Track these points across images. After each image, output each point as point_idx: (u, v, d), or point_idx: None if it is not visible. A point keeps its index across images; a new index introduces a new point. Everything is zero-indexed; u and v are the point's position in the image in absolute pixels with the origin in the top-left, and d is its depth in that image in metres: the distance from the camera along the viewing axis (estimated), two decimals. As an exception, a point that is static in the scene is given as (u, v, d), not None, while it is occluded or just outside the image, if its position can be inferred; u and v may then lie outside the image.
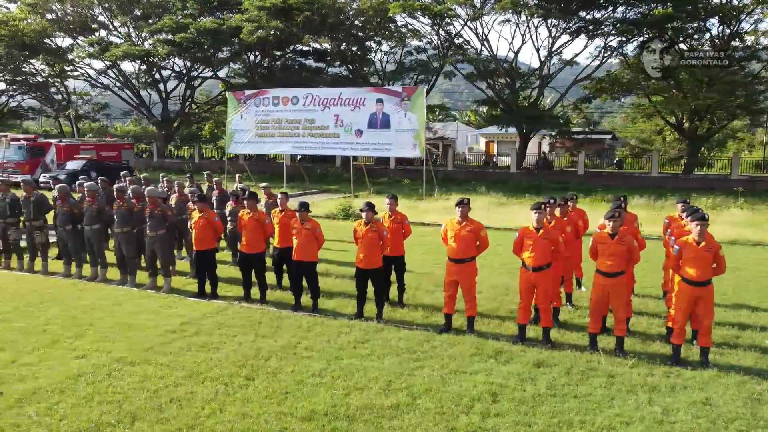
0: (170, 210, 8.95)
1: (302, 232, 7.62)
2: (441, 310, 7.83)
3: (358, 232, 7.39)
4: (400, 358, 6.08)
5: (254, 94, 25.70)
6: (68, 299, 8.12)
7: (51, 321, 7.15)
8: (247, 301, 8.18)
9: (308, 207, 7.72)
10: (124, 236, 8.95)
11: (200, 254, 8.33)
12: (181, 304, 7.99)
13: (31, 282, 9.10)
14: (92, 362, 5.86)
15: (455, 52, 32.08)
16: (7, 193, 9.91)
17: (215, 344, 6.42)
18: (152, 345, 6.36)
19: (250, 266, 8.16)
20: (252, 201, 8.08)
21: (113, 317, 7.35)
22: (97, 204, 9.28)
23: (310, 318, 7.40)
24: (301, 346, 6.41)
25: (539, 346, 6.50)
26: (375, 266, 7.37)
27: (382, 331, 6.93)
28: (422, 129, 22.99)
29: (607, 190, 25.61)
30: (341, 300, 8.32)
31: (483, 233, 6.94)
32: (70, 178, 25.07)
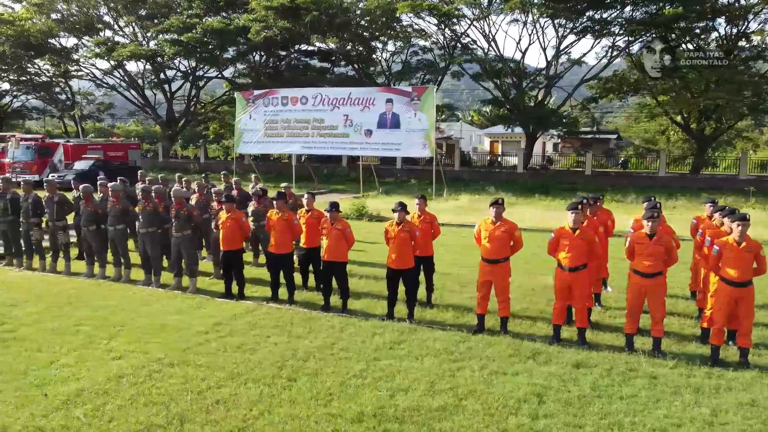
0: (196, 210, 8.92)
1: (332, 233, 7.60)
2: (471, 311, 7.85)
3: (389, 232, 7.36)
4: (439, 359, 6.05)
5: (263, 94, 25.67)
6: (96, 300, 8.10)
7: (83, 321, 7.12)
8: (275, 301, 8.15)
9: (339, 207, 7.70)
10: (149, 237, 8.92)
11: (227, 255, 8.30)
12: (209, 305, 7.97)
13: (56, 283, 9.07)
14: (131, 363, 5.83)
15: (463, 52, 32.04)
16: (30, 193, 9.89)
17: (251, 345, 6.39)
18: (188, 346, 6.33)
19: (278, 267, 8.13)
20: (281, 201, 8.05)
21: (144, 318, 7.32)
22: (122, 204, 9.24)
23: (341, 318, 7.37)
24: (337, 346, 6.38)
25: (576, 346, 6.48)
26: (407, 266, 7.34)
27: (415, 331, 6.90)
28: (432, 129, 22.98)
29: (616, 190, 25.57)
30: (369, 300, 8.30)
31: (517, 233, 6.92)
32: (79, 178, 25.07)
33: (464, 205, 21.61)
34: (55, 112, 46.24)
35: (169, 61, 34.32)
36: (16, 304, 7.86)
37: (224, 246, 8.25)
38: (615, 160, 43.95)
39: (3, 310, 7.56)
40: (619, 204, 21.98)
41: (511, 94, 33.66)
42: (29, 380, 5.42)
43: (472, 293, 8.76)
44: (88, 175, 25.66)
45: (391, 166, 35.05)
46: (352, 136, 24.04)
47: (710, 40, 30.59)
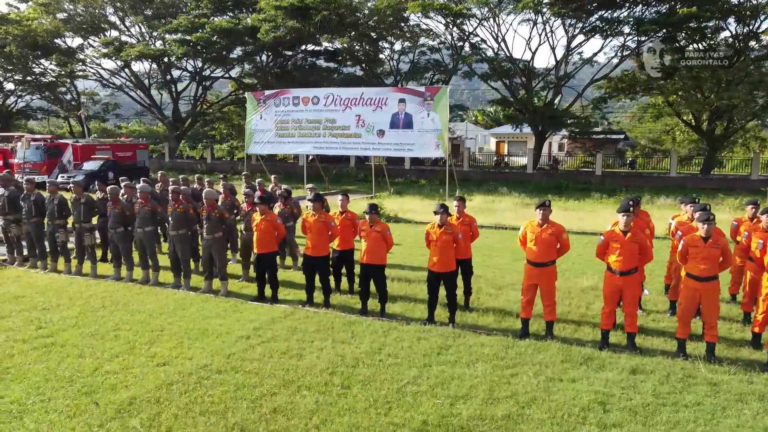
0: (227, 212, 8.77)
1: (371, 235, 7.46)
2: (510, 314, 7.72)
3: (431, 234, 7.22)
4: (491, 365, 5.91)
5: (274, 94, 25.53)
6: (130, 303, 7.96)
7: (120, 326, 6.99)
8: (311, 305, 8.01)
9: (378, 209, 7.56)
10: (179, 238, 8.79)
11: (261, 257, 8.16)
12: (245, 309, 7.83)
13: (85, 285, 8.93)
14: (177, 370, 5.69)
15: (472, 52, 31.92)
16: (55, 194, 9.75)
17: (296, 350, 6.25)
18: (232, 351, 6.19)
19: (314, 270, 7.99)
20: (318, 203, 7.91)
21: (182, 322, 7.18)
22: (150, 205, 9.10)
23: (382, 323, 7.23)
24: (384, 352, 6.25)
25: (627, 352, 6.34)
26: (449, 270, 7.21)
27: (461, 336, 6.76)
28: (445, 129, 22.82)
29: (630, 191, 25.41)
30: (405, 304, 8.16)
31: (565, 236, 6.78)
32: (88, 178, 24.96)
33: (478, 206, 21.43)
34: (61, 113, 46.04)
35: (177, 61, 34.13)
36: (49, 307, 7.72)
37: (258, 248, 8.11)
38: (622, 160, 43.82)
39: (37, 314, 7.42)
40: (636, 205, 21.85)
41: (519, 94, 33.56)
42: (77, 388, 5.28)
43: (508, 296, 8.67)
44: (98, 175, 25.59)
45: (400, 166, 34.92)
46: (364, 137, 23.89)
47: (719, 40, 30.47)
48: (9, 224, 10.12)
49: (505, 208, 20.29)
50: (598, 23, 29.79)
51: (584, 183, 28.72)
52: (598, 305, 8.21)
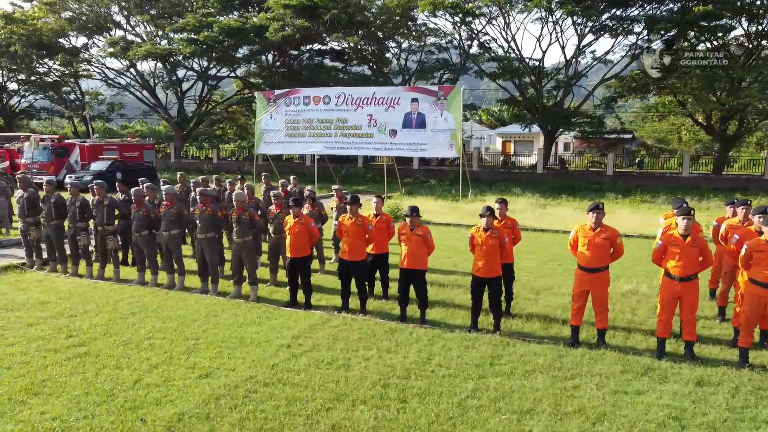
0: (258, 215, 8.49)
1: (412, 239, 7.18)
2: (555, 320, 7.45)
3: (476, 238, 6.94)
4: (549, 376, 5.64)
5: (284, 94, 25.23)
6: (159, 309, 7.67)
7: (153, 334, 6.70)
8: (347, 311, 7.73)
9: (419, 212, 7.28)
10: (207, 242, 8.51)
11: (295, 262, 7.88)
12: (278, 315, 7.54)
13: (109, 290, 8.64)
14: (222, 382, 5.41)
15: (483, 51, 31.65)
16: (77, 196, 9.47)
17: (341, 361, 5.97)
18: (275, 362, 5.91)
19: (350, 275, 7.70)
20: (355, 206, 7.62)
21: (216, 329, 6.90)
22: (176, 207, 8.82)
23: (424, 330, 6.95)
24: (434, 362, 5.97)
25: (687, 362, 6.06)
26: (495, 275, 6.93)
27: (509, 345, 6.48)
28: (459, 129, 22.54)
29: (645, 191, 25.15)
30: (442, 310, 7.88)
31: (619, 240, 6.49)
32: (95, 178, 24.63)
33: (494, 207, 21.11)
34: (65, 112, 45.74)
35: (185, 60, 33.82)
36: (76, 314, 7.43)
37: (292, 253, 7.82)
38: (629, 160, 43.55)
39: (65, 321, 7.14)
40: (651, 205, 21.59)
41: (528, 94, 33.28)
42: (120, 402, 4.99)
43: (547, 301, 8.40)
44: (106, 176, 25.29)
45: (407, 166, 34.64)
46: (376, 136, 23.59)
47: (730, 39, 30.19)
48: (28, 227, 9.84)
49: (522, 209, 19.98)
50: (608, 22, 29.55)
51: (596, 183, 28.45)
52: (643, 311, 7.97)
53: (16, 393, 5.14)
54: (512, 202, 22.04)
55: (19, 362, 5.83)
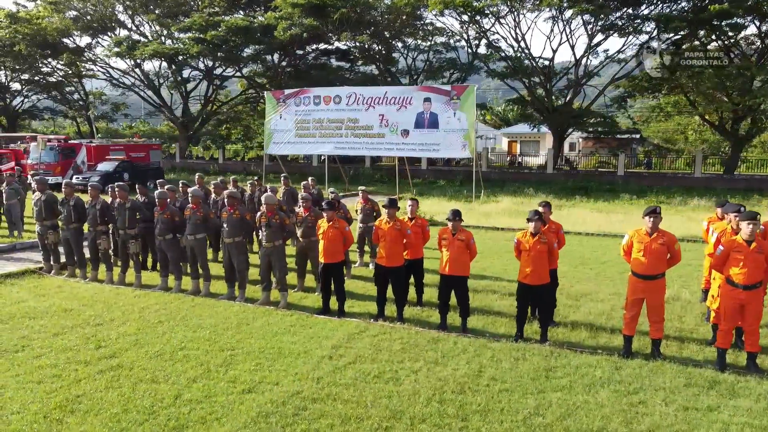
0: (288, 218, 8.18)
1: (454, 244, 6.87)
2: (603, 329, 7.14)
3: (523, 243, 6.63)
4: (612, 391, 5.32)
5: (294, 93, 24.93)
6: (188, 317, 7.36)
7: (186, 344, 6.39)
8: (383, 318, 7.42)
9: (461, 216, 6.97)
10: (235, 246, 8.20)
11: (328, 267, 7.56)
12: (313, 323, 7.23)
13: (133, 297, 8.32)
14: (268, 398, 5.10)
15: (494, 50, 31.36)
16: (97, 199, 9.16)
17: (389, 374, 5.66)
18: (320, 375, 5.60)
19: (387, 281, 7.39)
20: (393, 210, 7.31)
21: (251, 339, 6.59)
22: (203, 211, 8.51)
23: (468, 340, 6.64)
24: (487, 375, 5.66)
25: (753, 374, 5.75)
26: (543, 282, 6.62)
27: (560, 355, 6.17)
28: (472, 129, 22.23)
29: (660, 192, 24.82)
30: (483, 317, 7.57)
31: (677, 246, 6.18)
32: (104, 180, 24.33)
33: (508, 208, 20.83)
34: (68, 113, 45.42)
35: (192, 60, 33.48)
36: (102, 323, 7.12)
37: (326, 258, 7.50)
38: (636, 160, 43.22)
39: (92, 330, 6.82)
40: (667, 206, 21.24)
41: (538, 93, 32.99)
42: (162, 421, 4.68)
43: (588, 307, 8.10)
44: (113, 177, 24.98)
45: (416, 166, 34.31)
46: (388, 137, 23.30)
47: (740, 38, 29.88)
48: (46, 230, 9.52)
49: (538, 210, 19.65)
50: (618, 21, 29.26)
51: (608, 184, 28.10)
52: (690, 318, 7.66)
53: (51, 411, 4.83)
54: (526, 204, 21.83)
55: (50, 376, 5.51)
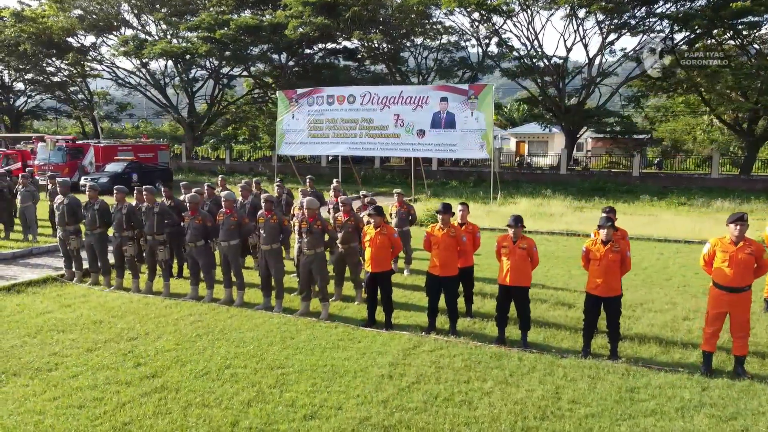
0: (330, 224, 7.70)
1: (516, 252, 6.40)
2: (671, 342, 6.67)
3: (593, 252, 6.16)
4: (705, 415, 4.86)
5: (307, 93, 24.44)
6: (226, 330, 6.88)
7: (231, 362, 5.92)
8: (434, 331, 6.95)
9: (523, 222, 6.50)
10: (272, 254, 7.73)
11: (376, 277, 7.09)
12: (360, 336, 6.75)
13: (164, 307, 7.84)
14: (334, 425, 4.63)
15: (506, 49, 30.90)
16: (123, 203, 8.68)
17: (460, 396, 5.19)
18: (385, 398, 5.13)
19: (439, 291, 6.92)
20: (447, 215, 6.84)
21: (299, 355, 6.12)
22: (237, 216, 8.04)
23: (534, 356, 6.17)
24: (566, 397, 5.19)
25: None
26: (614, 294, 6.16)
27: (638, 374, 5.70)
28: (490, 129, 21.75)
29: (680, 193, 24.30)
30: (541, 329, 7.08)
31: (766, 256, 5.71)
32: (112, 181, 23.86)
33: (529, 209, 20.33)
34: (73, 113, 44.93)
35: (201, 58, 32.97)
36: (136, 336, 6.65)
37: (373, 266, 7.04)
38: (646, 160, 42.75)
39: (127, 345, 6.35)
40: (690, 208, 20.80)
41: (550, 93, 32.54)
42: (224, 453, 4.21)
43: (649, 319, 7.64)
44: (122, 178, 24.52)
45: (426, 167, 33.83)
46: (403, 137, 22.82)
47: (753, 37, 29.42)
48: (68, 235, 9.04)
49: (561, 212, 19.23)
50: (630, 20, 28.84)
51: (624, 185, 27.61)
52: (760, 330, 7.19)
53: (99, 441, 4.37)
54: (545, 205, 21.35)
55: (91, 399, 5.04)
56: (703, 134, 46.55)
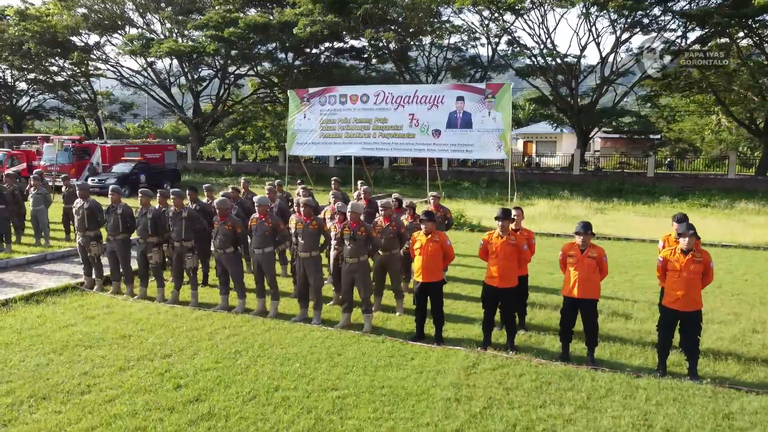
0: (375, 230, 7.18)
1: (584, 262, 5.90)
2: (753, 360, 6.17)
3: (671, 262, 5.65)
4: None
5: (319, 92, 23.89)
6: (266, 346, 6.35)
7: (279, 383, 5.40)
8: (491, 347, 6.43)
9: (592, 228, 5.99)
10: (311, 262, 7.22)
11: (426, 288, 6.58)
12: (411, 352, 6.23)
13: (194, 319, 7.31)
14: (410, 460, 4.12)
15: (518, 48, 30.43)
16: (148, 207, 8.16)
17: (540, 424, 4.69)
18: (459, 427, 4.63)
19: (497, 303, 6.41)
20: (507, 221, 6.32)
21: (352, 374, 5.61)
22: (272, 221, 7.53)
23: (608, 375, 5.66)
24: (658, 425, 4.69)
25: None
26: (696, 308, 5.65)
27: (729, 397, 5.20)
28: (508, 129, 21.15)
29: (701, 195, 23.80)
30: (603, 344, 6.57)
31: None
32: (120, 182, 23.32)
33: (548, 212, 19.89)
34: (76, 113, 44.39)
35: (209, 57, 32.42)
36: (171, 353, 6.13)
37: (424, 276, 6.53)
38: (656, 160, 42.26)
39: (162, 363, 5.83)
40: (713, 209, 20.30)
41: (562, 92, 32.07)
42: (294, 497, 3.70)
43: (715, 331, 7.15)
44: (130, 179, 24.00)
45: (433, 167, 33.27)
46: (418, 137, 22.24)
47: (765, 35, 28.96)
48: (89, 242, 8.52)
49: (583, 213, 18.75)
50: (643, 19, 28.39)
51: (641, 186, 27.10)
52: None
53: (149, 482, 3.85)
54: (563, 207, 20.85)
55: (133, 430, 4.53)
56: (711, 134, 46.16)
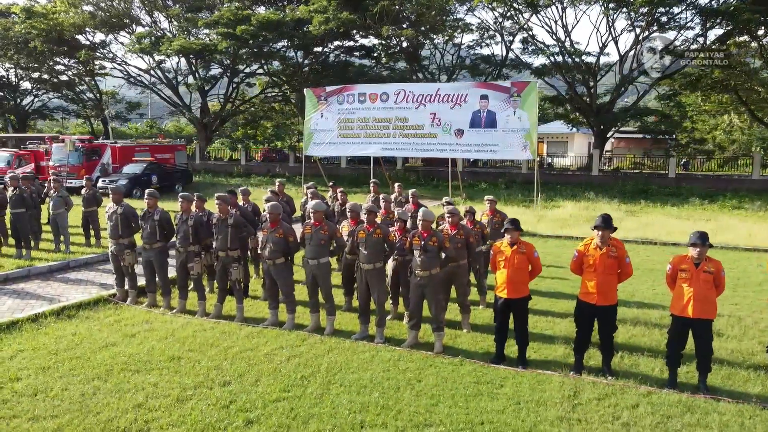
0: (448, 241, 6.49)
1: (700, 277, 5.23)
2: None
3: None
4: None
5: (336, 91, 23.23)
6: (335, 370, 5.66)
7: (363, 417, 4.72)
8: (584, 371, 5.76)
9: (708, 239, 5.30)
10: (375, 274, 6.54)
11: (510, 304, 5.90)
12: (499, 379, 5.54)
13: (245, 337, 6.60)
14: None
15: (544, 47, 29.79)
16: (189, 212, 7.48)
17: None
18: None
19: (593, 322, 5.72)
20: (608, 231, 5.63)
21: (440, 405, 4.92)
22: (328, 229, 6.84)
23: (730, 405, 4.98)
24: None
25: None
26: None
27: None
28: (534, 128, 20.50)
29: (733, 196, 23.07)
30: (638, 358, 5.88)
31: None
32: (131, 183, 22.65)
33: (577, 214, 19.17)
34: (82, 112, 43.68)
35: (221, 55, 31.69)
36: (230, 380, 5.43)
37: (509, 291, 5.85)
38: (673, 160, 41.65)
39: (223, 393, 5.13)
40: (749, 213, 19.62)
41: (579, 91, 31.41)
42: None
43: None
44: (142, 180, 23.32)
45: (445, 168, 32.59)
46: (440, 137, 21.62)
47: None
48: (122, 250, 7.83)
49: (616, 217, 17.96)
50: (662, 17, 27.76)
51: (665, 187, 26.41)
52: None
53: None
54: (592, 209, 20.14)
55: (212, 480, 3.84)
56: (722, 134, 45.52)
